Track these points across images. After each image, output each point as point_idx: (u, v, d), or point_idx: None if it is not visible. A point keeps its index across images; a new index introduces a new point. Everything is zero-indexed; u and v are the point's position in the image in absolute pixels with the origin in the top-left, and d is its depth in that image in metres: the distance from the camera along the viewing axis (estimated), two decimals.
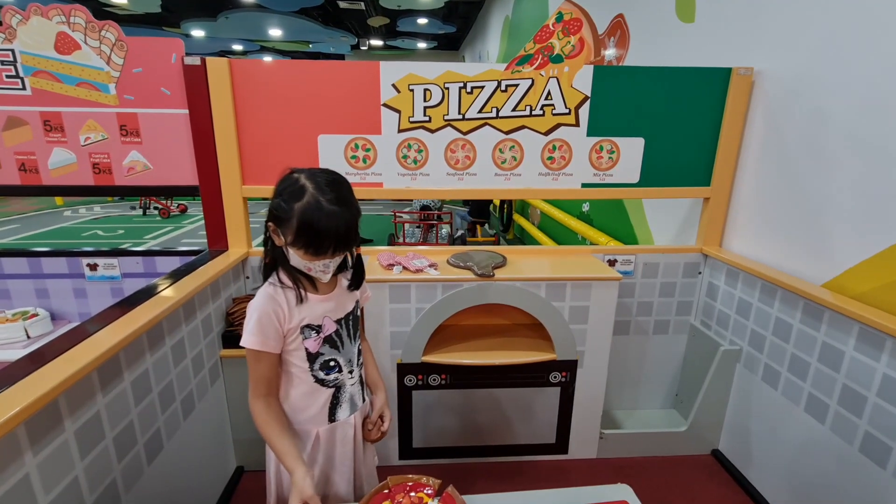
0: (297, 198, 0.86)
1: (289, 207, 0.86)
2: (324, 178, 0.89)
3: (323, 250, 0.88)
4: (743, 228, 1.94)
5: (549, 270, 1.79)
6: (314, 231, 0.86)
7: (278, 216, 0.89)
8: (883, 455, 1.28)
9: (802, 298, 1.54)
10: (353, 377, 1.07)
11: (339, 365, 1.03)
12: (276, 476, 1.06)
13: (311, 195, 0.86)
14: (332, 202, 0.86)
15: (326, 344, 1.00)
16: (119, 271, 1.88)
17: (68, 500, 0.93)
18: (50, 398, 0.86)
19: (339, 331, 1.02)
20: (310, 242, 0.87)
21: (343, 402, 1.06)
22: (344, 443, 1.08)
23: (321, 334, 0.99)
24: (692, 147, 1.91)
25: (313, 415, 1.03)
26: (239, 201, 1.82)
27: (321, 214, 0.85)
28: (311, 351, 0.99)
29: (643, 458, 1.99)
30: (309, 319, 0.97)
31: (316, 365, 1.00)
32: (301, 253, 0.89)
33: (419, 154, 1.83)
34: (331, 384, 1.02)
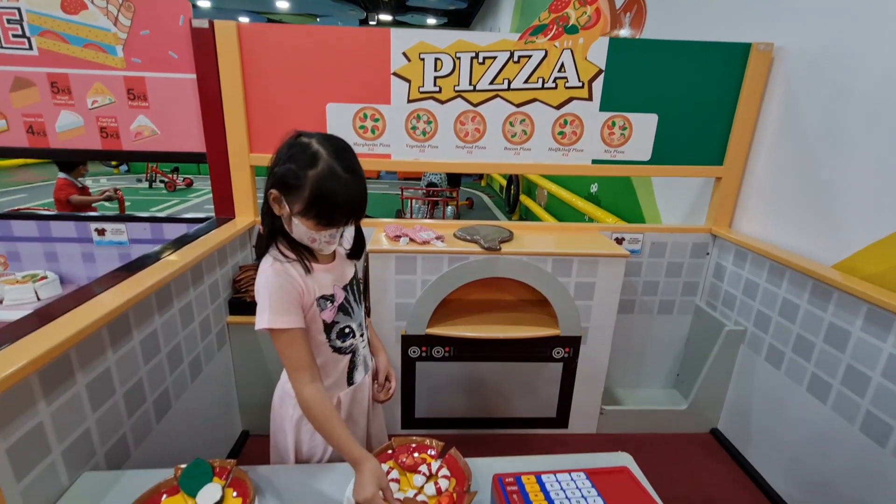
0: (312, 165, 0.81)
1: (302, 175, 0.81)
2: (333, 144, 0.84)
3: (336, 221, 0.86)
4: (753, 209, 1.91)
5: (555, 246, 1.78)
6: (330, 201, 0.82)
7: (287, 184, 0.83)
8: (883, 434, 1.28)
9: (811, 279, 1.53)
10: (363, 340, 1.07)
11: (352, 331, 1.02)
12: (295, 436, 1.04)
13: (326, 163, 0.81)
14: (347, 171, 0.82)
15: (340, 312, 0.99)
16: (127, 237, 1.89)
17: (81, 450, 0.96)
18: (62, 350, 0.87)
19: (348, 297, 1.01)
20: (323, 213, 0.83)
21: (358, 364, 1.06)
22: (362, 402, 1.09)
23: (335, 303, 0.97)
24: (706, 125, 1.88)
25: (334, 382, 1.02)
26: (246, 169, 1.81)
27: (338, 184, 0.82)
28: (327, 321, 0.97)
29: (642, 434, 2.02)
30: (322, 290, 0.95)
31: (333, 334, 0.99)
32: (310, 224, 0.85)
33: (428, 126, 1.81)
34: (347, 350, 1.02)
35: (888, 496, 1.27)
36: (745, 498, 1.71)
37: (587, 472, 0.89)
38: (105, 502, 0.87)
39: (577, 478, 0.87)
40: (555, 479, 0.87)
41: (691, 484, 1.77)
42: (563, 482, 0.86)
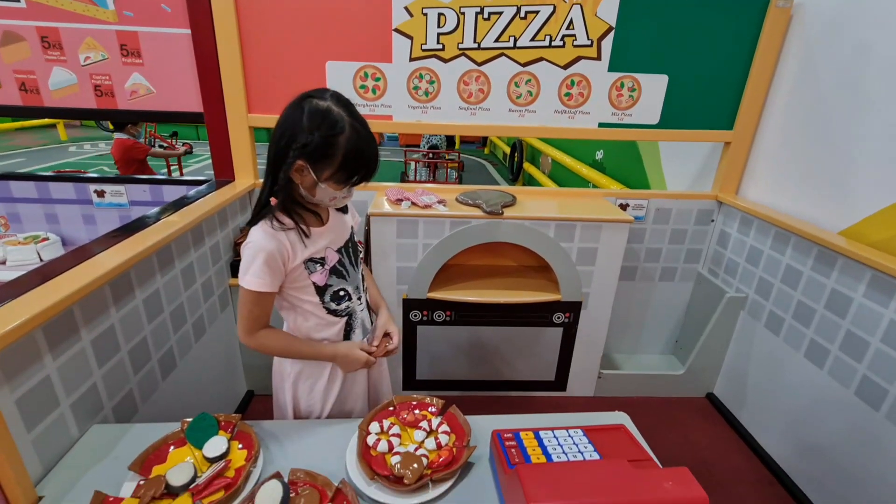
0: (339, 130, 0.82)
1: (333, 142, 0.82)
2: (344, 102, 0.85)
3: (368, 178, 0.89)
4: (761, 175, 1.88)
5: (559, 211, 1.76)
6: (361, 162, 0.85)
7: (320, 152, 0.83)
8: (878, 398, 1.30)
9: (817, 245, 1.51)
10: (361, 303, 1.07)
11: (348, 293, 1.02)
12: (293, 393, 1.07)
13: (350, 125, 0.83)
14: (364, 127, 0.85)
15: (333, 275, 0.99)
16: (127, 199, 1.87)
17: (89, 403, 0.98)
18: (64, 306, 0.87)
19: (342, 260, 1.00)
20: (356, 172, 0.87)
21: (356, 327, 1.06)
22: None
23: (326, 266, 0.97)
24: (718, 87, 1.82)
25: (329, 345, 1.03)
26: (245, 130, 1.77)
27: (364, 143, 0.85)
28: (319, 284, 0.97)
29: (639, 398, 2.06)
30: (311, 253, 0.94)
31: (326, 297, 0.99)
32: (339, 186, 0.88)
33: (431, 86, 1.76)
34: (343, 313, 1.02)
35: (880, 458, 1.30)
36: (738, 460, 1.75)
37: (584, 429, 0.90)
38: (114, 453, 0.90)
39: (575, 434, 0.89)
40: (552, 434, 0.88)
41: (686, 446, 1.81)
42: (561, 438, 0.87)
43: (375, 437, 0.92)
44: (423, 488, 0.82)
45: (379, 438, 0.91)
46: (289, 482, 0.82)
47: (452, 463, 0.86)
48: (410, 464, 0.84)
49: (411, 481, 0.81)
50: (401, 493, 0.81)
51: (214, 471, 0.84)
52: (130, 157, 3.03)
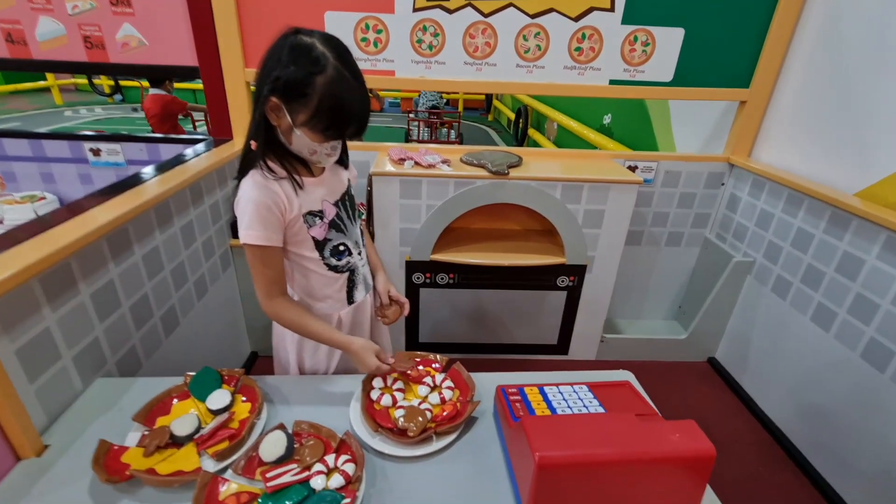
0: (319, 69, 0.74)
1: (309, 80, 0.74)
2: (336, 46, 0.77)
3: (346, 131, 0.80)
4: (776, 136, 1.81)
5: (565, 171, 1.71)
6: (342, 111, 0.76)
7: (292, 91, 0.75)
8: (884, 360, 1.29)
9: (830, 207, 1.47)
10: (362, 258, 1.04)
11: (348, 248, 0.99)
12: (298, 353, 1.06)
13: (334, 68, 0.74)
14: (355, 76, 0.76)
15: (332, 229, 0.94)
16: (123, 158, 1.83)
17: (91, 357, 0.97)
18: (61, 257, 0.86)
19: (340, 213, 0.96)
20: (333, 123, 0.77)
21: (358, 283, 1.04)
22: (364, 321, 1.09)
23: (325, 220, 0.93)
24: (736, 42, 1.73)
25: (333, 301, 1.01)
26: (241, 86, 1.71)
27: (350, 92, 0.75)
28: (318, 239, 0.93)
29: (640, 361, 2.07)
30: (309, 206, 0.90)
31: (326, 252, 0.95)
32: (315, 136, 0.79)
33: (435, 38, 1.68)
34: (344, 269, 0.99)
35: (882, 419, 1.30)
36: (737, 423, 1.77)
37: (589, 384, 0.90)
38: (118, 406, 0.90)
39: (580, 390, 0.88)
40: (557, 390, 0.87)
41: (686, 409, 1.83)
42: (566, 393, 0.87)
43: (379, 391, 0.92)
44: (427, 441, 0.82)
45: (382, 393, 0.91)
46: (293, 434, 0.82)
47: (456, 417, 0.86)
48: (414, 417, 0.83)
49: (415, 434, 0.81)
50: (405, 445, 0.81)
51: (218, 422, 0.84)
52: (170, 111, 3.01)
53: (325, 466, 0.75)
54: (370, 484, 0.76)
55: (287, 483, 0.72)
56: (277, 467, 0.75)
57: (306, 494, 0.71)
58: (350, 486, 0.73)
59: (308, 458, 0.76)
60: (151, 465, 0.75)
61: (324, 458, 0.77)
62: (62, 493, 0.72)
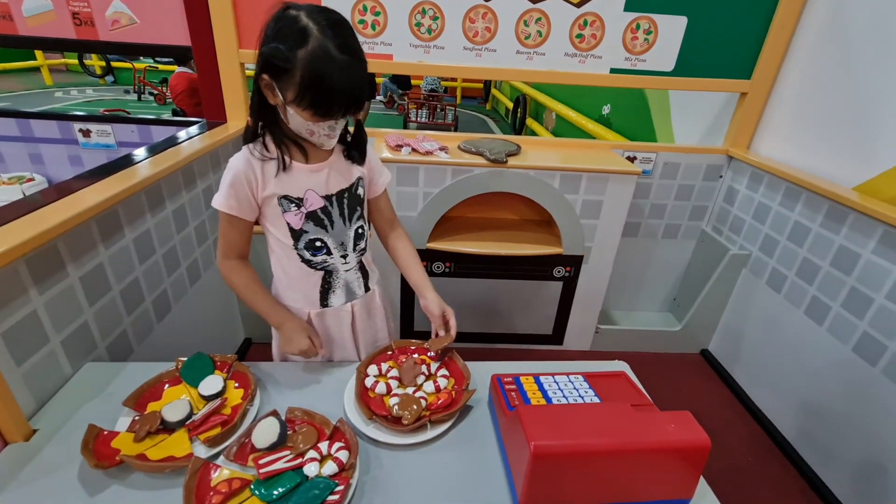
0: (301, 42, 0.70)
1: (291, 55, 0.71)
2: (326, 17, 0.73)
3: (333, 110, 0.76)
4: (776, 129, 1.80)
5: (564, 161, 1.70)
6: (324, 87, 0.72)
7: (276, 66, 0.73)
8: (876, 353, 1.30)
9: (828, 201, 1.47)
10: (346, 263, 0.96)
11: (326, 246, 0.92)
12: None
13: (317, 40, 0.70)
14: (342, 49, 0.71)
15: (310, 221, 0.89)
16: (114, 139, 1.79)
17: (81, 341, 0.96)
18: (47, 238, 0.83)
19: (328, 208, 0.90)
20: (317, 101, 0.74)
21: (336, 288, 0.98)
22: (341, 329, 1.03)
23: (302, 209, 0.88)
24: (739, 32, 1.71)
25: (303, 296, 0.97)
26: (236, 67, 1.67)
27: (332, 66, 0.71)
28: (293, 227, 0.89)
29: (634, 352, 2.07)
30: (287, 191, 0.86)
31: (300, 243, 0.91)
32: (306, 114, 0.76)
33: (434, 22, 1.64)
34: (318, 266, 0.94)
35: (873, 411, 1.31)
36: (728, 414, 1.79)
37: (585, 374, 0.89)
38: (108, 390, 0.89)
39: (575, 380, 0.88)
40: (553, 379, 0.87)
41: (679, 400, 1.84)
42: (561, 383, 0.86)
43: (374, 379, 0.91)
44: (422, 429, 0.82)
45: (377, 381, 0.90)
46: (286, 420, 0.81)
47: (451, 405, 0.85)
48: (409, 405, 0.83)
49: (409, 422, 0.80)
50: (399, 433, 0.80)
51: (210, 408, 0.83)
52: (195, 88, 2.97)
53: (319, 453, 0.75)
54: (364, 471, 0.75)
55: (280, 470, 0.72)
56: (270, 454, 0.74)
57: (299, 481, 0.70)
58: (343, 474, 0.72)
59: (301, 445, 0.76)
60: (142, 451, 0.74)
61: (317, 445, 0.76)
62: (50, 478, 0.71)
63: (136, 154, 1.28)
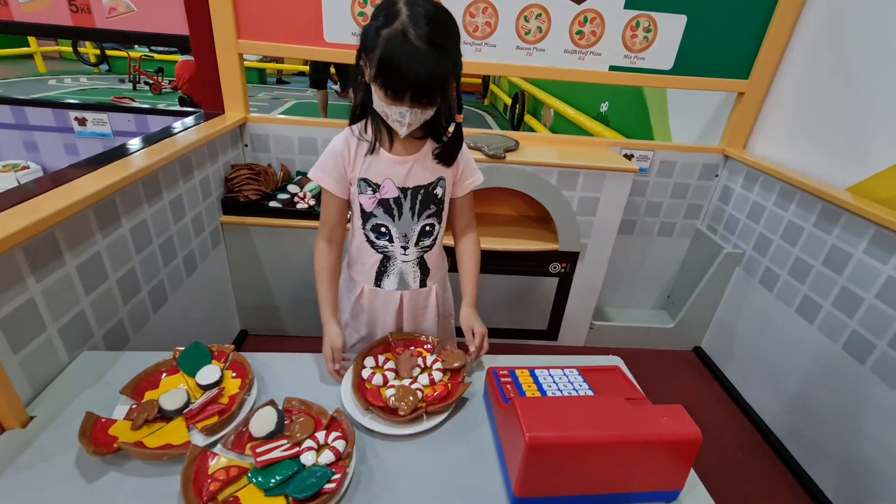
0: (388, 24, 0.73)
1: (377, 34, 0.73)
2: (425, 8, 0.73)
3: (399, 95, 0.76)
4: (772, 129, 1.82)
5: (562, 157, 1.70)
6: (392, 68, 0.73)
7: (366, 43, 0.77)
8: (865, 352, 1.32)
9: (821, 201, 1.49)
10: (406, 254, 0.99)
11: (390, 234, 0.95)
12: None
13: (401, 23, 0.72)
14: (421, 38, 0.71)
15: (381, 207, 0.92)
16: (110, 128, 1.78)
17: (77, 330, 0.96)
18: (45, 226, 0.83)
19: (401, 199, 0.92)
20: (387, 81, 0.75)
21: (391, 273, 1.01)
22: (386, 311, 1.05)
23: (377, 194, 0.91)
24: (738, 31, 1.72)
25: (362, 271, 1.03)
26: (234, 58, 1.66)
27: (405, 50, 0.71)
28: (364, 208, 0.93)
29: (628, 349, 2.10)
30: (369, 174, 0.90)
31: (368, 224, 0.95)
32: (381, 93, 0.78)
33: None
34: (379, 249, 0.98)
35: (860, 408, 1.34)
36: (719, 410, 1.81)
37: (579, 368, 0.91)
38: (105, 379, 0.89)
39: (570, 373, 0.89)
40: (548, 373, 0.88)
41: (671, 396, 1.86)
42: (556, 376, 0.87)
43: (370, 370, 0.92)
44: (418, 420, 0.83)
45: (374, 372, 0.91)
46: (283, 410, 0.82)
47: (447, 397, 0.86)
48: (405, 397, 0.84)
49: (406, 413, 0.81)
50: (395, 424, 0.81)
51: (208, 397, 0.83)
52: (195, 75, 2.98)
53: (316, 443, 0.75)
54: (360, 461, 0.76)
55: (277, 458, 0.72)
56: (267, 443, 0.75)
57: (296, 469, 0.71)
58: (340, 463, 0.73)
59: (298, 435, 0.76)
60: (139, 439, 0.75)
61: (314, 434, 0.77)
62: (47, 465, 0.71)
63: (133, 144, 1.27)
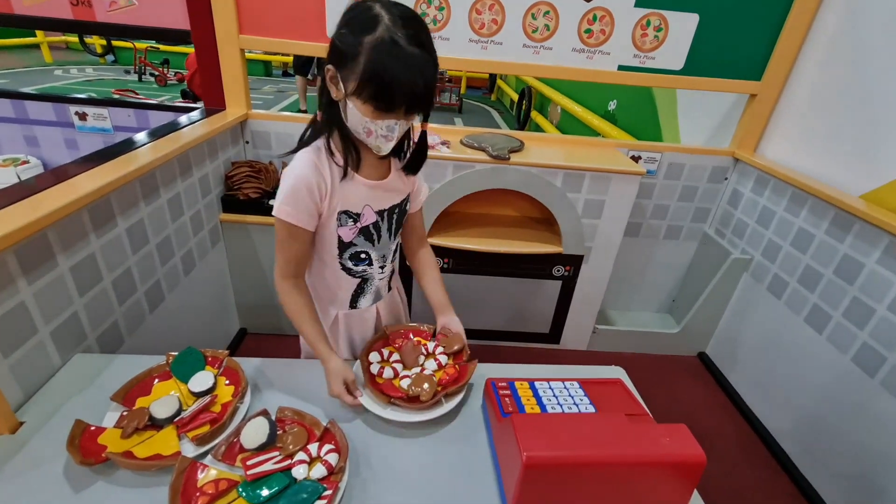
0: (369, 30, 0.66)
1: (356, 41, 0.66)
2: (400, 10, 0.68)
3: (395, 105, 0.70)
4: (785, 132, 1.77)
5: (568, 159, 1.67)
6: (387, 78, 0.67)
7: (341, 52, 0.68)
8: (875, 364, 1.29)
9: (834, 208, 1.45)
10: (382, 272, 0.97)
11: (369, 258, 0.92)
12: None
13: (386, 28, 0.65)
14: (411, 42, 0.66)
15: (361, 235, 0.87)
16: (110, 123, 1.76)
17: (70, 332, 0.94)
18: (37, 228, 0.82)
19: (379, 224, 0.88)
20: (379, 93, 0.68)
21: (368, 292, 0.98)
22: (364, 327, 1.03)
23: (358, 224, 0.85)
24: (751, 31, 1.67)
25: (336, 299, 0.97)
26: (236, 53, 1.64)
27: (400, 57, 0.65)
28: (344, 240, 0.87)
29: (631, 353, 2.07)
30: (348, 205, 0.83)
31: (346, 254, 0.89)
32: (366, 108, 0.70)
33: (440, 13, 1.60)
34: (357, 275, 0.93)
35: (868, 423, 1.30)
36: (722, 418, 1.78)
37: (580, 381, 0.88)
38: (97, 383, 0.88)
39: (571, 386, 0.86)
40: (548, 385, 0.86)
41: (673, 402, 1.84)
42: (556, 389, 0.85)
43: (378, 365, 0.92)
44: (438, 404, 0.84)
45: (382, 366, 0.91)
46: (276, 420, 0.80)
47: (459, 378, 0.89)
48: (422, 383, 0.85)
49: (428, 397, 0.82)
50: (419, 411, 0.83)
51: (200, 405, 0.82)
52: None
53: (308, 455, 0.74)
54: (353, 474, 0.74)
55: (268, 471, 0.71)
56: (258, 454, 0.73)
57: (287, 483, 0.69)
58: (332, 477, 0.71)
59: (290, 447, 0.75)
60: (129, 448, 0.73)
61: (307, 446, 0.75)
62: (36, 472, 0.70)
63: (131, 140, 1.25)
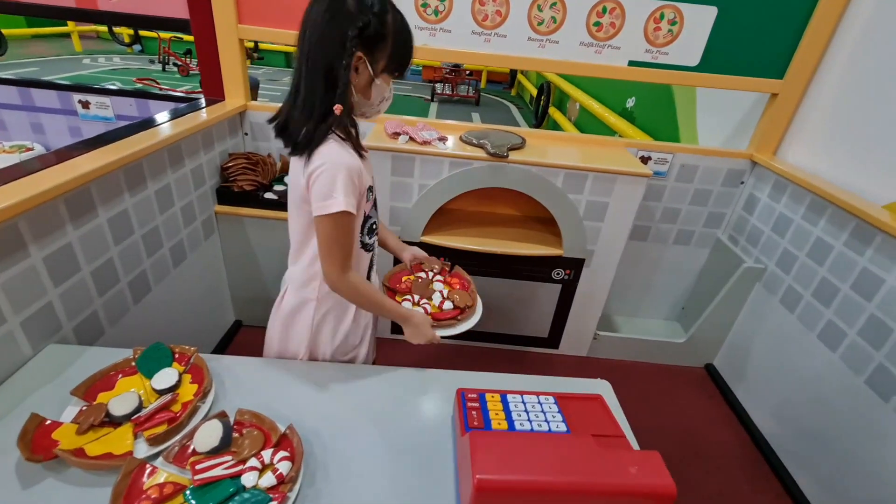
0: (385, 8, 0.75)
1: (385, 21, 0.75)
2: None
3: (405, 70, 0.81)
4: (806, 135, 1.66)
5: (570, 158, 1.60)
6: (410, 43, 0.79)
7: (374, 37, 0.74)
8: (890, 389, 1.20)
9: (855, 218, 1.35)
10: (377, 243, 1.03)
11: (376, 227, 0.97)
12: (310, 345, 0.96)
13: (388, 4, 0.76)
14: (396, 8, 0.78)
15: (373, 206, 0.92)
16: (113, 112, 1.77)
17: (43, 322, 0.94)
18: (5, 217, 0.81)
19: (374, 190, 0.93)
20: (405, 58, 0.79)
21: (374, 264, 1.01)
22: None
23: (374, 195, 0.91)
24: (774, 26, 1.56)
25: None
26: (234, 43, 1.62)
27: (406, 25, 0.78)
28: (367, 214, 0.89)
29: (633, 362, 1.99)
30: (368, 181, 0.87)
31: (365, 229, 0.91)
32: (389, 79, 0.81)
33: (441, 3, 1.55)
34: (369, 248, 0.95)
35: (880, 448, 1.21)
36: (726, 434, 1.70)
37: (557, 396, 0.83)
38: (65, 375, 0.87)
39: (545, 401, 0.81)
40: (520, 399, 0.81)
41: (675, 415, 1.76)
42: (529, 404, 0.80)
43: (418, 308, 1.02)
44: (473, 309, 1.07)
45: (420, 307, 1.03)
46: (234, 423, 0.77)
47: (464, 286, 1.14)
48: (454, 296, 1.06)
49: (469, 301, 1.06)
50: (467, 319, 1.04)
51: (160, 403, 0.80)
52: None
53: (261, 462, 0.71)
54: (308, 484, 0.71)
55: (216, 477, 0.68)
56: (210, 458, 0.71)
57: (234, 491, 0.67)
58: (282, 487, 0.68)
59: (246, 451, 0.72)
60: (82, 445, 0.72)
61: (261, 452, 0.72)
62: None
63: (118, 130, 1.24)
